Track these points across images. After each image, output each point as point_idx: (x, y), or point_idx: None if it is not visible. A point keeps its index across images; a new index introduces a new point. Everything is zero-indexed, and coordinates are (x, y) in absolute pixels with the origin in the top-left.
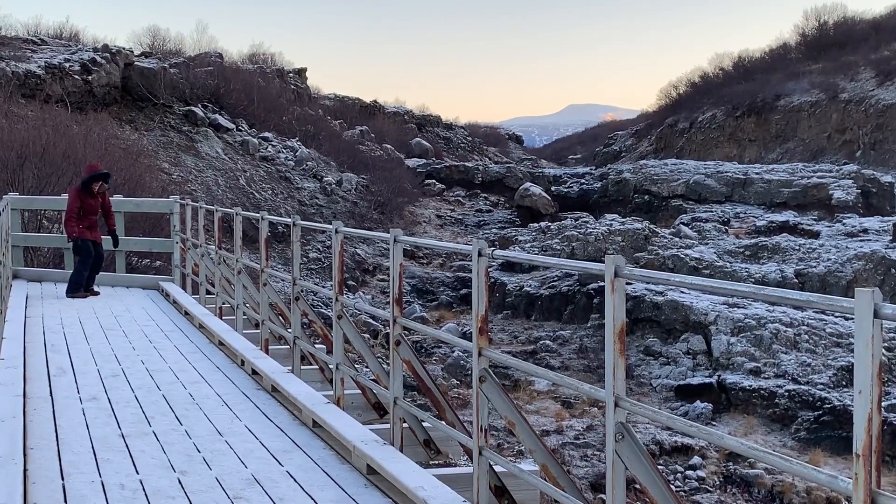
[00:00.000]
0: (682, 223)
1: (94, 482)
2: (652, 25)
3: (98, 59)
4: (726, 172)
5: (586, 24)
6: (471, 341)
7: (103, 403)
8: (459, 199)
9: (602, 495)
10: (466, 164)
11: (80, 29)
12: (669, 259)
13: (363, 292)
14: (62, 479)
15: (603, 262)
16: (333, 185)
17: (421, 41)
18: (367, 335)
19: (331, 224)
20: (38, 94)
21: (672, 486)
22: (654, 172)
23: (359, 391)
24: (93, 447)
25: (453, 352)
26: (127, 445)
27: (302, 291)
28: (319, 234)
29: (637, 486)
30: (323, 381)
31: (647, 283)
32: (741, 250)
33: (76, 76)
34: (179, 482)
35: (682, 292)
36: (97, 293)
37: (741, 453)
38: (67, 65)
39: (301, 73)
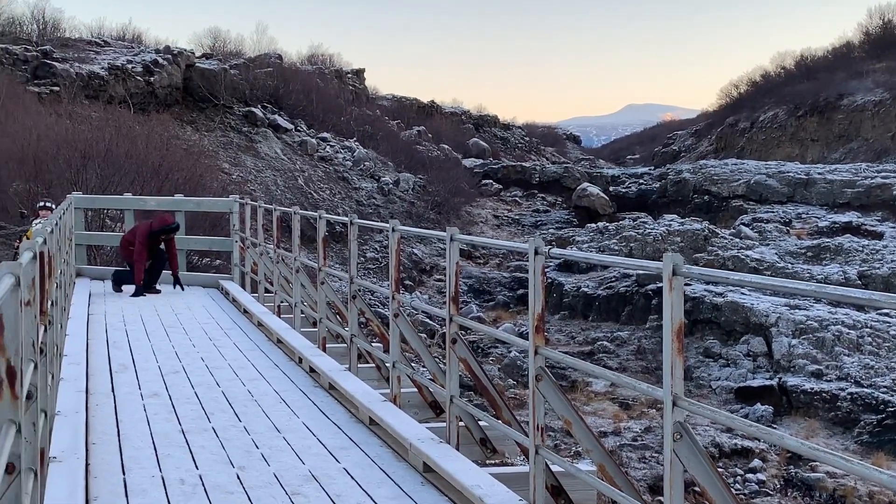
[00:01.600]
0: (742, 224)
1: (155, 477)
2: (713, 24)
3: (160, 60)
4: (788, 172)
5: (646, 23)
6: (527, 340)
7: (164, 399)
8: (516, 199)
9: (660, 498)
10: (524, 164)
11: (143, 31)
12: (729, 260)
13: (420, 292)
14: (123, 473)
15: (661, 261)
16: (391, 185)
17: (479, 41)
18: (423, 335)
19: (387, 223)
20: (101, 95)
21: (731, 488)
22: (714, 172)
23: (415, 390)
24: (153, 442)
25: (510, 352)
26: (187, 441)
27: (359, 290)
28: (377, 233)
29: (696, 489)
30: (379, 379)
31: (706, 281)
32: (803, 251)
33: (138, 77)
34: (238, 477)
35: (743, 293)
36: (158, 291)
37: (801, 453)
38: (130, 66)
39: (359, 73)
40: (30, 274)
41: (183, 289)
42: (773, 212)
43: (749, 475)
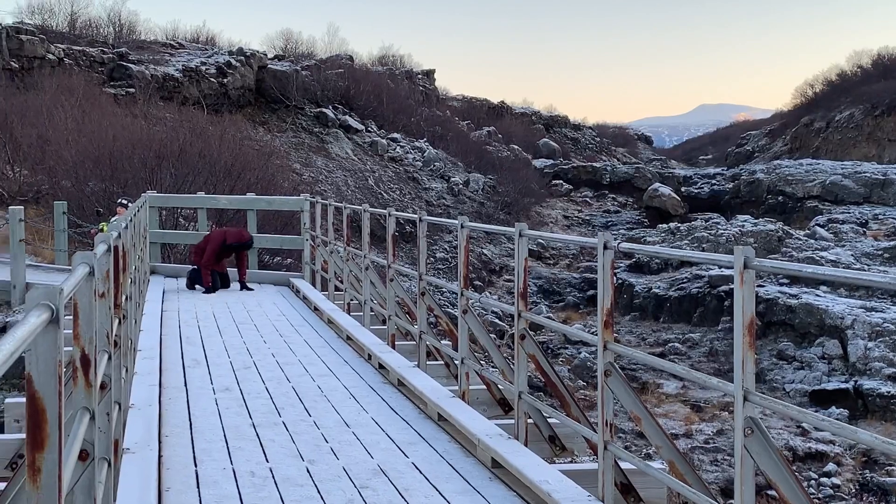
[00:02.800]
0: (817, 225)
1: (226, 469)
2: (787, 23)
3: (233, 62)
4: (864, 173)
5: (719, 23)
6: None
7: (235, 394)
8: (587, 199)
9: (733, 501)
10: (594, 164)
11: (216, 33)
12: (804, 261)
13: (489, 292)
14: (195, 465)
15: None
16: (460, 186)
17: (549, 41)
18: (493, 335)
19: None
20: (175, 96)
21: (804, 485)
22: (789, 173)
23: (484, 387)
24: (225, 436)
25: (580, 353)
26: (258, 434)
27: (428, 287)
28: (446, 234)
29: (769, 492)
30: (448, 376)
31: (780, 283)
32: (880, 253)
33: (212, 79)
34: (307, 471)
35: (818, 295)
36: (228, 286)
37: (874, 447)
38: (204, 68)
39: (429, 74)
40: (104, 265)
41: (251, 289)
42: (848, 213)
43: (823, 479)
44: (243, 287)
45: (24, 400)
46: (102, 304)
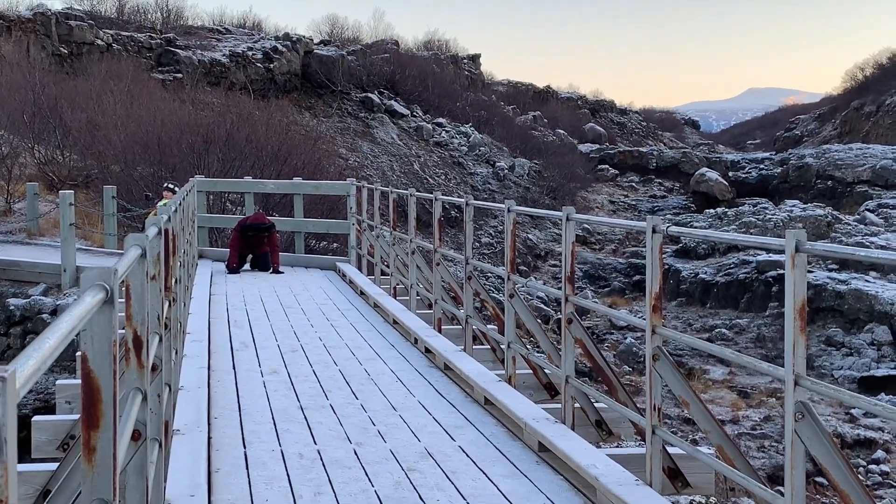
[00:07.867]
0: (867, 210)
1: (274, 451)
2: (838, 4)
3: (279, 47)
4: None
5: (768, 4)
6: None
7: (283, 377)
8: (633, 184)
9: (780, 487)
10: (640, 149)
11: (263, 18)
12: (854, 246)
13: (535, 277)
14: (244, 447)
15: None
16: (506, 171)
17: (595, 25)
18: (538, 320)
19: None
20: (222, 81)
21: (855, 471)
22: (839, 157)
23: (530, 371)
24: (273, 418)
25: (625, 338)
26: (305, 417)
27: (474, 270)
28: (491, 219)
29: (816, 479)
30: (494, 360)
31: (829, 268)
32: None
33: (258, 64)
34: (355, 453)
35: (867, 281)
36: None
37: None
38: (250, 53)
39: (475, 59)
40: (155, 248)
41: (280, 272)
42: None
43: (872, 466)
44: (274, 271)
45: (74, 381)
46: (153, 286)
